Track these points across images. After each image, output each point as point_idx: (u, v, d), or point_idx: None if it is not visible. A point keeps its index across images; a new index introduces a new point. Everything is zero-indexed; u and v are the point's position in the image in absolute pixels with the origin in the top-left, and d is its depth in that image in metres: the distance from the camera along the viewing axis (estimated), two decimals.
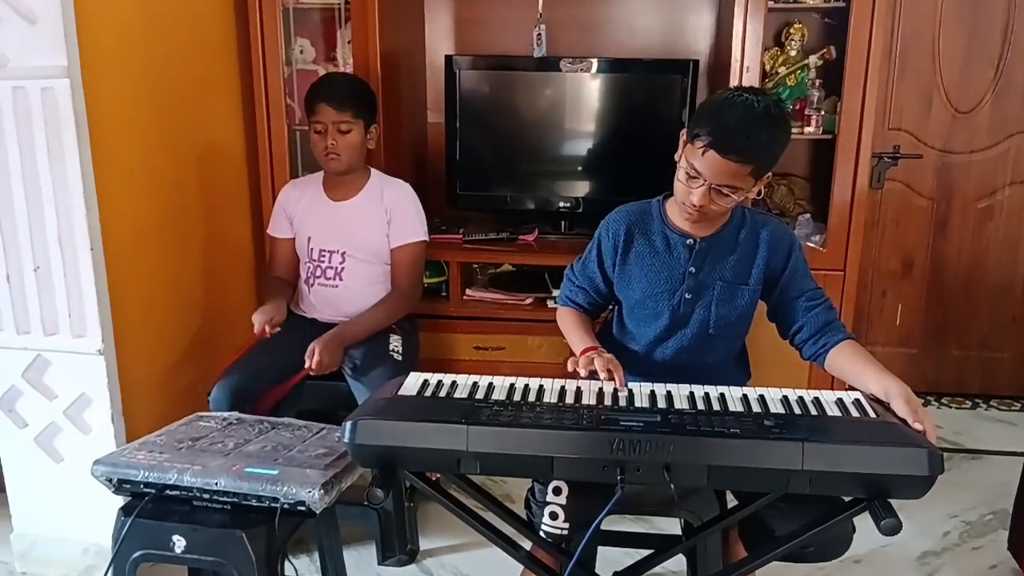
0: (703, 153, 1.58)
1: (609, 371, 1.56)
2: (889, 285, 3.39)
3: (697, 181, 1.62)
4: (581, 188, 3.00)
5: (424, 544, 2.36)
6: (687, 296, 1.78)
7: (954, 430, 3.12)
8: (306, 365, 2.11)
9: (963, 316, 3.38)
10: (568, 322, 1.87)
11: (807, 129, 2.65)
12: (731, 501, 1.71)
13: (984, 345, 3.40)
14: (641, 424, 1.36)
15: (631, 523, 2.31)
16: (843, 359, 1.68)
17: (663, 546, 2.02)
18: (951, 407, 3.36)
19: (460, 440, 1.34)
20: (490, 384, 1.55)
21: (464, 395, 1.50)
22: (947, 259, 3.34)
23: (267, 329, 2.16)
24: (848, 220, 2.61)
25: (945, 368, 3.43)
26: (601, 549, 1.89)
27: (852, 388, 1.59)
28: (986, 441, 3.05)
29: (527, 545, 1.67)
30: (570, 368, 1.57)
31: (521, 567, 1.68)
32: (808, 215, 2.85)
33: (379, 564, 2.27)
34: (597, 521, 1.33)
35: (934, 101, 3.18)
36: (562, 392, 1.52)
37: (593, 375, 1.57)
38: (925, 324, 3.41)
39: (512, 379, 1.57)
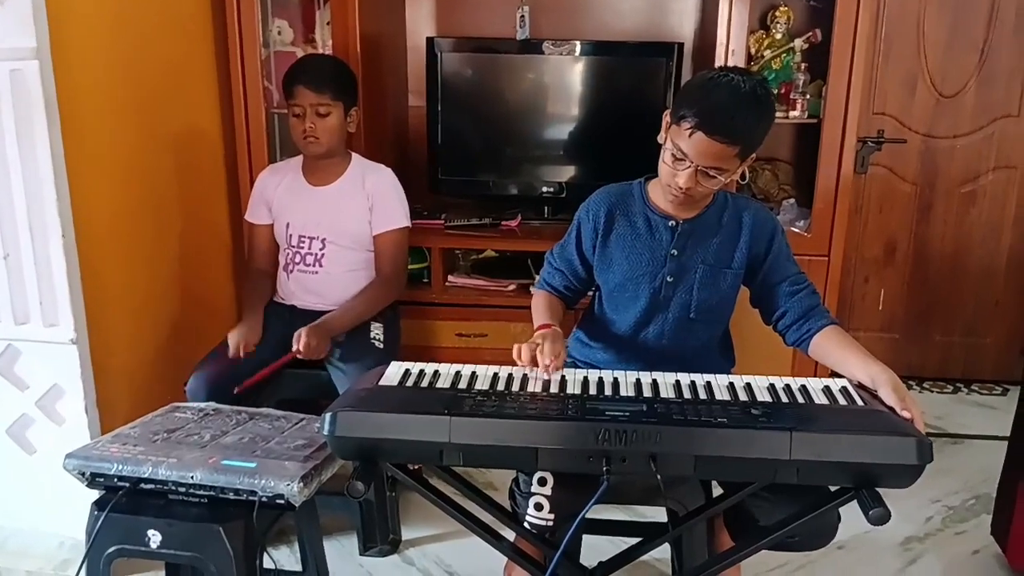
0: (690, 135, 1.56)
1: (548, 363, 1.51)
2: (872, 271, 3.38)
3: (683, 163, 1.60)
4: (565, 173, 2.97)
5: (406, 533, 2.33)
6: (668, 279, 1.76)
7: (936, 415, 3.13)
8: (293, 348, 2.06)
9: (946, 301, 3.39)
10: (536, 304, 1.83)
11: (792, 113, 2.63)
12: (716, 489, 1.70)
13: (967, 330, 3.41)
14: (627, 414, 1.34)
15: (616, 511, 2.29)
16: (827, 345, 1.66)
17: (648, 534, 2.00)
18: (933, 391, 3.37)
19: (443, 432, 1.31)
20: (473, 373, 1.52)
21: (446, 385, 1.48)
22: (930, 244, 3.33)
23: (241, 353, 2.12)
24: (833, 205, 2.59)
25: (928, 353, 3.44)
26: (585, 537, 1.88)
27: (836, 374, 1.58)
28: (968, 426, 3.06)
29: (510, 534, 1.65)
30: (515, 356, 1.54)
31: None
32: (792, 200, 2.83)
33: (361, 554, 2.24)
34: (582, 514, 1.31)
35: (918, 85, 3.17)
36: (546, 381, 1.49)
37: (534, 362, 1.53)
38: (908, 309, 3.41)
39: (495, 368, 1.54)
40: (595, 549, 2.04)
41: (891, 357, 3.23)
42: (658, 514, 2.14)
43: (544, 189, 2.94)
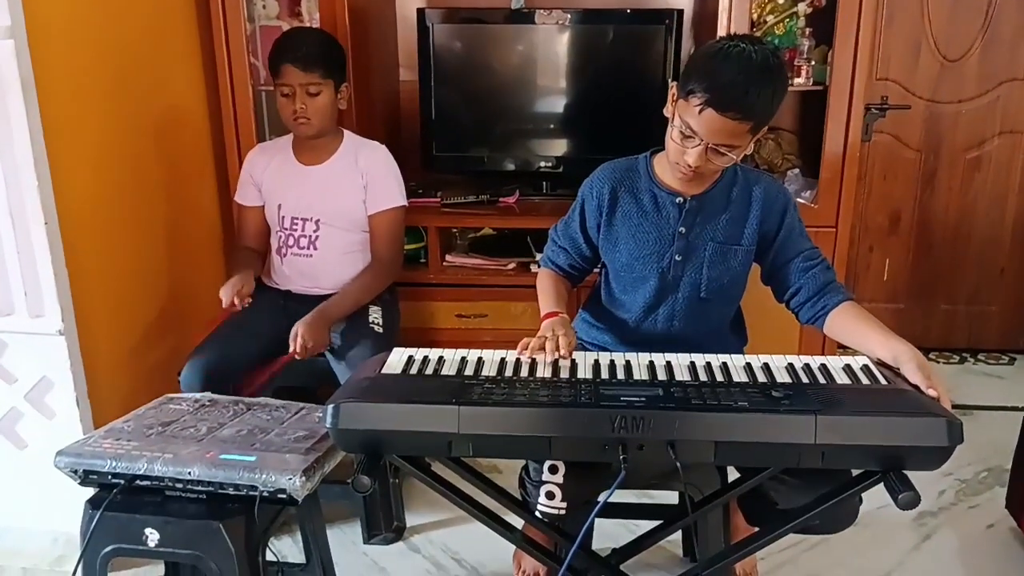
0: (700, 111, 1.48)
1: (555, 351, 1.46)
2: (876, 240, 3.33)
3: (693, 140, 1.52)
4: (562, 147, 2.89)
5: (411, 520, 2.28)
6: (677, 258, 1.69)
7: None
8: (291, 349, 1.99)
9: (951, 270, 3.34)
10: (542, 285, 1.78)
11: (797, 80, 2.55)
12: (731, 471, 1.65)
13: (972, 299, 3.37)
14: (643, 399, 1.28)
15: (625, 493, 2.24)
16: (845, 322, 1.60)
17: (659, 516, 1.98)
18: (939, 362, 3.33)
19: (451, 422, 1.25)
20: (479, 359, 1.46)
21: (452, 372, 1.42)
22: (935, 212, 3.28)
23: (236, 301, 2.03)
24: (840, 175, 2.52)
25: (932, 323, 3.40)
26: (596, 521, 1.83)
27: (843, 348, 1.52)
28: (976, 396, 3.02)
29: (517, 519, 1.60)
30: (518, 352, 1.48)
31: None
32: (797, 170, 2.76)
33: (365, 543, 2.20)
34: (598, 506, 1.26)
35: (922, 49, 3.09)
36: (556, 366, 1.43)
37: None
38: (912, 279, 3.36)
39: (502, 352, 1.49)
40: (604, 532, 2.01)
41: (896, 328, 3.11)
42: (667, 495, 2.10)
43: (542, 164, 2.87)
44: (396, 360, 1.46)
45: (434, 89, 2.79)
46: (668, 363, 1.45)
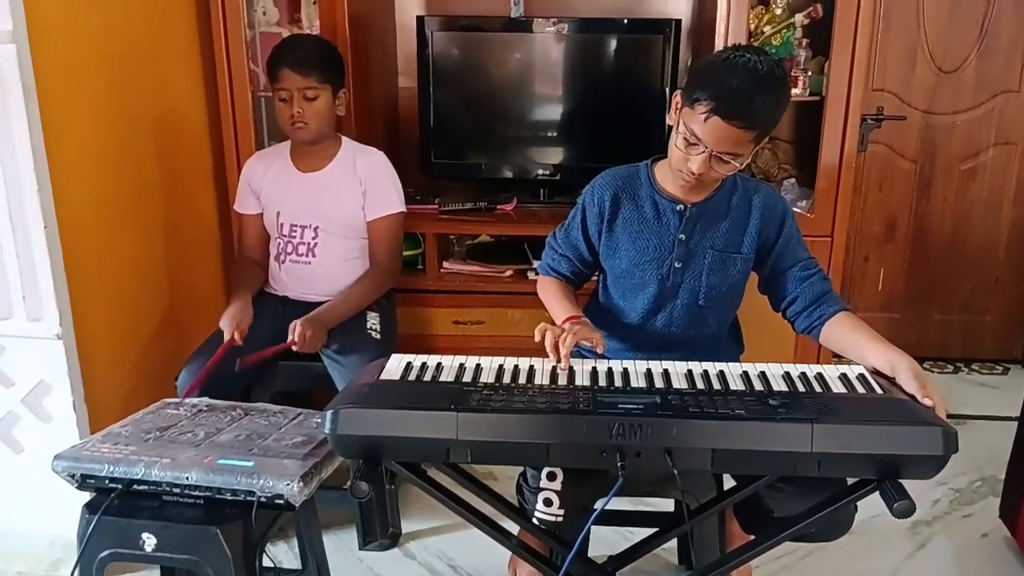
0: (705, 119, 1.49)
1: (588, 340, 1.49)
2: (872, 249, 3.34)
3: (697, 148, 1.54)
4: (560, 155, 2.90)
5: (407, 527, 2.28)
6: (676, 265, 1.71)
7: None
8: (289, 339, 2.00)
9: (946, 279, 3.36)
10: (550, 293, 1.79)
11: (793, 91, 2.54)
12: (727, 478, 1.66)
13: (966, 308, 3.38)
14: (640, 407, 1.29)
15: (622, 500, 2.25)
16: (841, 332, 1.62)
17: (655, 523, 1.98)
18: (933, 371, 3.35)
19: (449, 428, 1.26)
20: (477, 366, 1.47)
21: (451, 378, 1.42)
22: (930, 222, 3.30)
23: (236, 336, 2.04)
24: (836, 185, 2.53)
25: (927, 332, 3.41)
26: (592, 528, 1.83)
27: (839, 357, 1.53)
28: (970, 406, 3.04)
29: (513, 525, 1.60)
30: (537, 338, 1.48)
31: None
32: (793, 180, 2.77)
33: (360, 549, 2.19)
34: (596, 513, 1.26)
35: (918, 60, 3.12)
36: (554, 373, 1.44)
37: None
38: (907, 288, 3.38)
39: (500, 359, 1.49)
40: (600, 539, 2.01)
41: (890, 337, 3.12)
42: (664, 502, 2.11)
43: (539, 172, 2.88)
44: (395, 366, 1.46)
45: (433, 96, 2.80)
46: (665, 371, 1.46)
